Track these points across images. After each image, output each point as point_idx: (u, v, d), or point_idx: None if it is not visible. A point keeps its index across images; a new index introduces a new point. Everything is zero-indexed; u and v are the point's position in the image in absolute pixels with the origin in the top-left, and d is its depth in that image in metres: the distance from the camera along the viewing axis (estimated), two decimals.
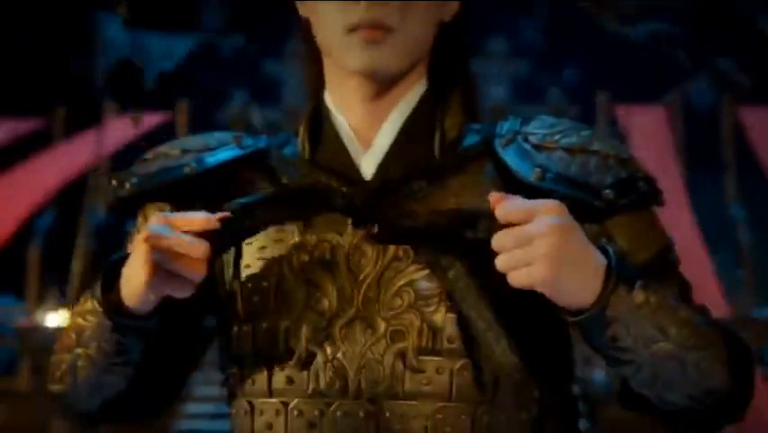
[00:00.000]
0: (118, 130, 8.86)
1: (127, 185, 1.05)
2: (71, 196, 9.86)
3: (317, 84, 1.07)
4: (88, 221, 9.25)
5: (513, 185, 0.96)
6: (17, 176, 9.36)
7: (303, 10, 1.06)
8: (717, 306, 8.04)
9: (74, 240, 9.80)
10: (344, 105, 1.05)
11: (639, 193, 1.00)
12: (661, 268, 0.96)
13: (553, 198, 0.90)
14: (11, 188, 9.15)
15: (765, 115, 9.96)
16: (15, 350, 9.20)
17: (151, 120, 9.64)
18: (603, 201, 0.98)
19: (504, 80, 13.02)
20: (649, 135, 9.71)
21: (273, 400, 1.00)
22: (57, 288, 9.61)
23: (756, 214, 9.64)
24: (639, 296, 0.90)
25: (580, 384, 9.01)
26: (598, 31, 9.37)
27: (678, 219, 9.17)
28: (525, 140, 1.02)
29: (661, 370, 0.92)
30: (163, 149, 1.09)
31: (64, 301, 9.57)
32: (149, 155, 1.08)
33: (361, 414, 0.95)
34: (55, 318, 8.72)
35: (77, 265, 9.12)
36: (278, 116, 12.78)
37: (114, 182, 1.06)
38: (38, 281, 9.62)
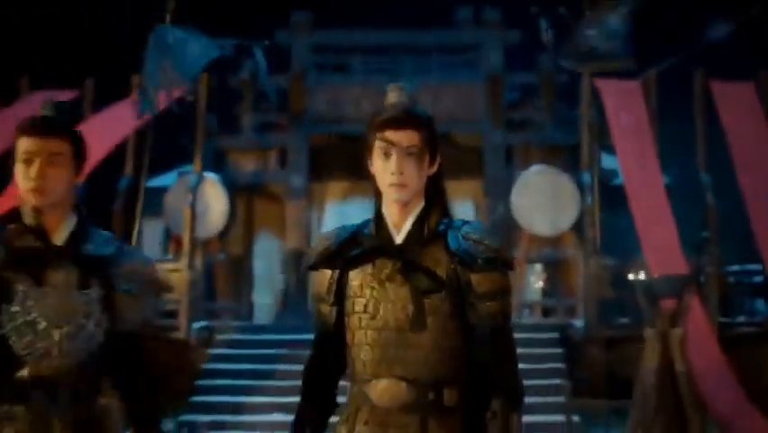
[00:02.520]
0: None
1: (311, 260, 2.22)
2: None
3: (379, 200, 2.30)
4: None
5: (447, 251, 2.21)
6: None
7: (370, 166, 2.20)
8: (679, 264, 9.06)
9: (105, 204, 10.76)
10: (388, 211, 2.31)
11: (495, 264, 2.21)
12: (492, 296, 2.18)
13: (459, 258, 2.15)
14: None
15: (733, 89, 10.84)
16: None
17: (178, 91, 10.50)
18: (477, 264, 2.19)
19: (498, 49, 13.69)
20: (626, 107, 10.61)
21: (362, 330, 2.27)
22: None
23: (723, 180, 10.57)
24: None
25: (560, 330, 10.10)
26: None
27: (650, 185, 10.13)
28: (459, 231, 2.25)
29: None
30: (317, 243, 2.38)
31: None
32: (312, 248, 2.36)
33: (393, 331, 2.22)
34: None
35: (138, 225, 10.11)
36: (286, 83, 13.57)
37: (305, 259, 2.22)
38: None
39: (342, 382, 2.42)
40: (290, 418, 7.85)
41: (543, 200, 11.64)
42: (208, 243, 11.91)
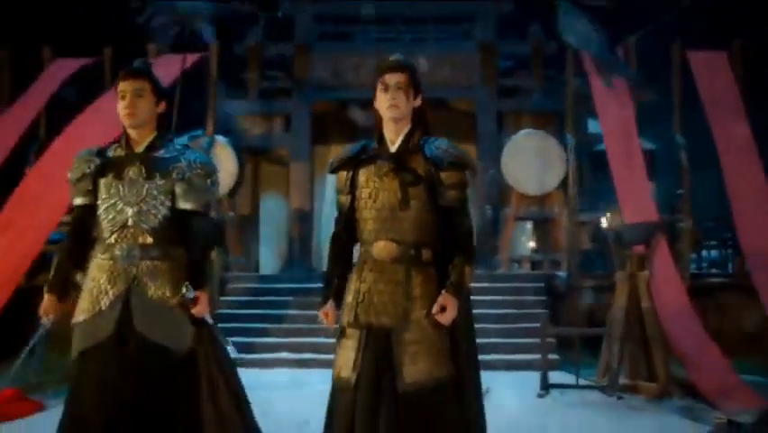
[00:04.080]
0: (168, 67, 10.51)
1: (334, 164, 3.27)
2: None
3: (379, 123, 3.22)
4: None
5: (425, 157, 3.17)
6: (97, 106, 10.88)
7: (376, 104, 3.21)
8: (652, 214, 9.88)
9: None
10: (386, 131, 3.25)
11: (457, 165, 3.14)
12: (454, 186, 3.16)
13: (432, 161, 3.13)
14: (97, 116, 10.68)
15: (708, 58, 11.59)
16: None
17: (192, 58, 11.28)
18: (444, 165, 3.14)
19: (491, 19, 14.39)
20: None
21: (368, 210, 3.27)
22: None
23: (696, 142, 11.37)
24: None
25: (546, 280, 11.05)
26: None
27: (628, 146, 10.90)
28: (433, 144, 3.19)
29: None
30: (337, 155, 3.34)
31: None
32: (334, 157, 3.34)
33: (388, 210, 3.25)
34: None
35: None
36: (290, 51, 14.26)
37: (330, 164, 3.19)
38: None
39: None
40: (296, 356, 8.88)
41: (531, 162, 12.44)
42: (219, 202, 12.69)
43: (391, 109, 3.22)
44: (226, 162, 12.55)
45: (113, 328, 3.40)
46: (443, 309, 3.16)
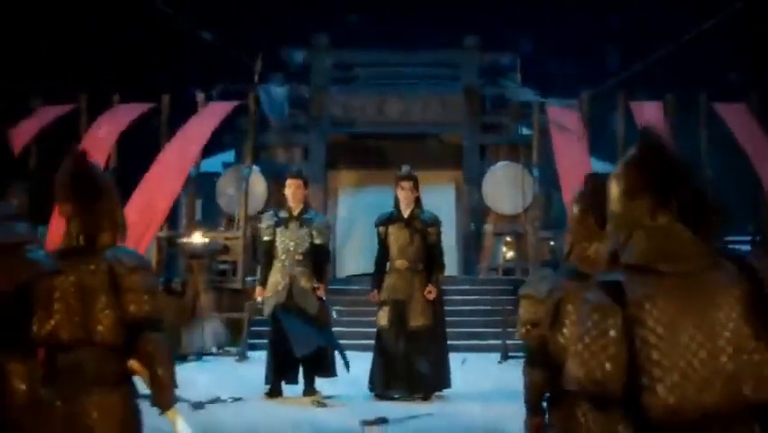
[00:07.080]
0: (216, 110, 13.28)
1: (377, 223, 6.65)
2: None
3: (397, 203, 6.56)
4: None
5: (421, 220, 6.60)
6: (178, 142, 13.61)
7: (396, 192, 6.51)
8: None
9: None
10: (401, 206, 6.63)
11: (436, 224, 6.55)
12: (435, 234, 6.52)
13: (424, 222, 6.57)
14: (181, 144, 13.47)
15: (646, 107, 14.35)
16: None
17: (233, 104, 14.13)
18: (429, 224, 6.53)
19: (475, 66, 17.01)
20: (568, 123, 14.13)
21: (394, 245, 6.76)
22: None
23: None
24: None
25: (515, 284, 14.13)
26: None
27: (580, 174, 13.59)
28: (424, 213, 6.60)
29: None
30: (379, 217, 6.77)
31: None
32: (377, 219, 6.77)
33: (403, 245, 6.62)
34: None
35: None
36: (308, 93, 16.87)
37: (375, 222, 6.61)
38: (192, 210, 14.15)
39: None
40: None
41: (506, 188, 15.22)
42: (252, 218, 15.29)
43: (404, 200, 6.61)
44: (258, 187, 15.13)
45: (284, 299, 6.70)
46: (430, 292, 6.47)
